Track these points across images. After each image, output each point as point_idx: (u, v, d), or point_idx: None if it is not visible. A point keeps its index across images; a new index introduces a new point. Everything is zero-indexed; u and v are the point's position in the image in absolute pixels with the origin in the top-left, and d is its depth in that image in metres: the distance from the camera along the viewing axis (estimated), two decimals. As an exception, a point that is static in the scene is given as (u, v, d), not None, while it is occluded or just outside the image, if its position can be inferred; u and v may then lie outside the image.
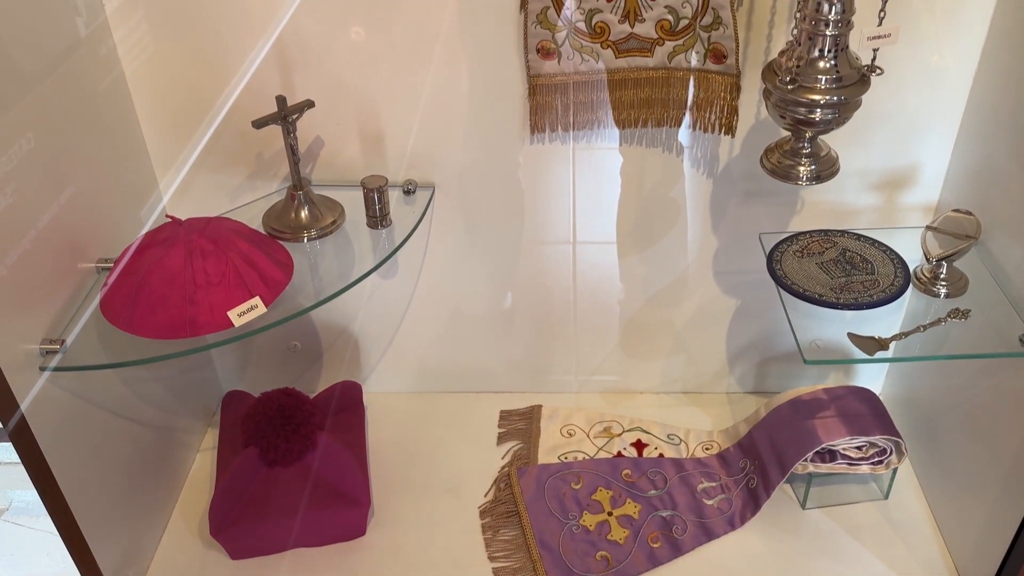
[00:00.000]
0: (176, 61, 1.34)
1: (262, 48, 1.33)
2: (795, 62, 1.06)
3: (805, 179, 1.15)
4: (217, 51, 1.33)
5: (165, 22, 1.31)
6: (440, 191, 1.48)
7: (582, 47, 1.30)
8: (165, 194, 1.47)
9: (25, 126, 1.09)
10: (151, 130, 1.40)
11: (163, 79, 1.35)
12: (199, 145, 1.42)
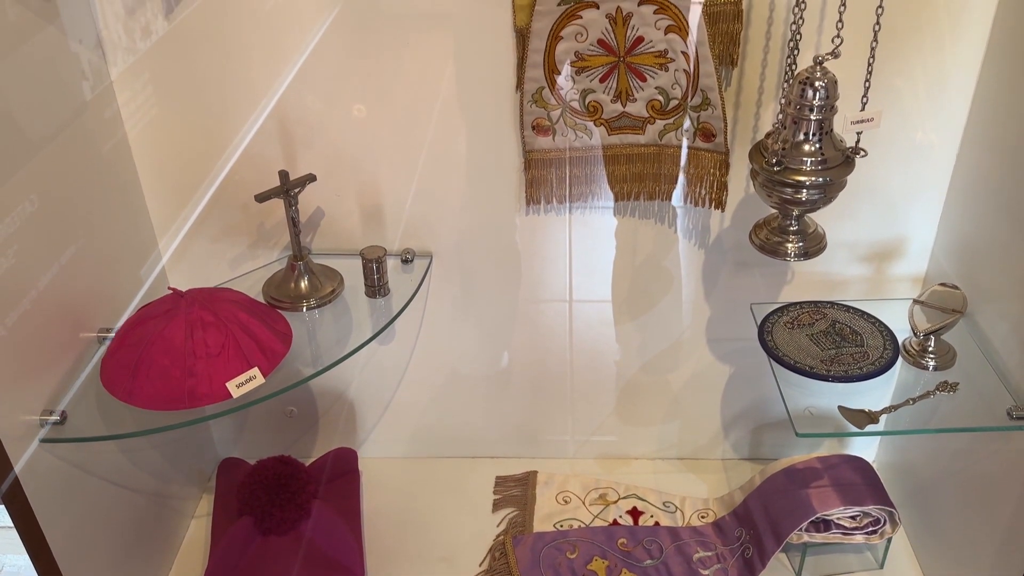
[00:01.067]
0: (179, 129, 1.37)
1: (266, 121, 1.37)
2: (781, 145, 1.10)
3: (793, 256, 1.18)
4: (220, 122, 1.37)
5: (169, 91, 1.34)
6: (437, 259, 1.51)
7: (576, 124, 1.34)
8: (166, 261, 1.49)
9: (29, 188, 1.11)
10: (153, 197, 1.43)
11: (166, 146, 1.39)
12: (199, 212, 1.45)
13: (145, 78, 1.34)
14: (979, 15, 1.23)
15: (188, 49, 1.30)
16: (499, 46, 1.29)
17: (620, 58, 1.27)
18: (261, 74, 1.32)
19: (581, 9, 1.24)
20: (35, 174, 1.13)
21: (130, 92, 1.34)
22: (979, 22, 1.23)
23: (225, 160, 1.41)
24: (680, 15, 1.21)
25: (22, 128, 1.11)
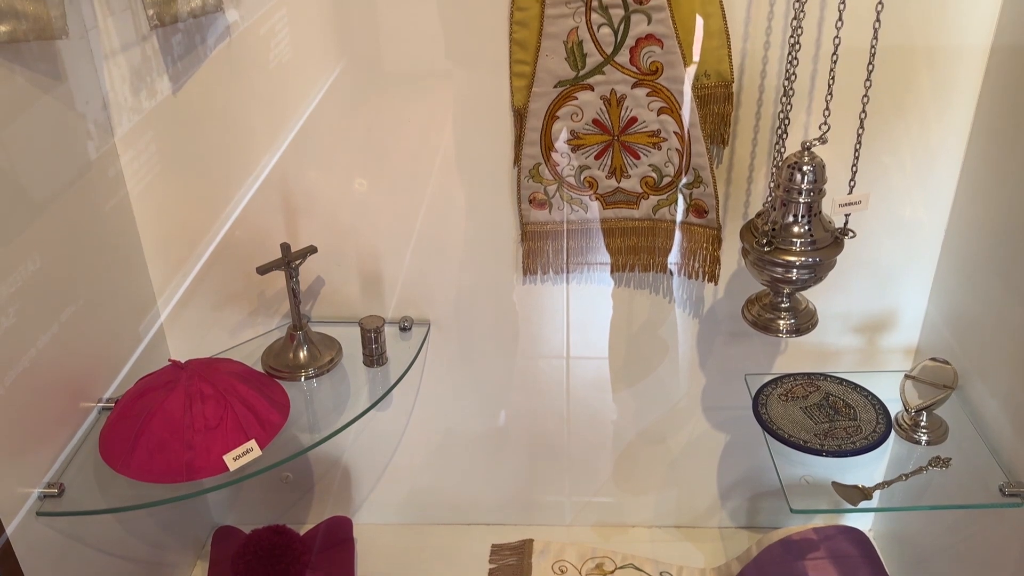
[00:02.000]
0: (181, 195, 1.39)
1: (267, 190, 1.40)
2: (771, 225, 1.13)
3: (785, 333, 1.20)
4: (222, 188, 1.40)
5: (172, 154, 1.37)
6: (435, 327, 1.52)
7: (572, 198, 1.37)
8: (167, 329, 1.51)
9: (32, 247, 1.12)
10: (153, 258, 1.44)
11: (167, 209, 1.41)
12: (199, 273, 1.47)
13: (148, 137, 1.36)
14: (963, 97, 1.27)
15: (191, 112, 1.33)
16: (498, 123, 1.32)
17: (614, 137, 1.31)
18: (263, 140, 1.36)
19: (577, 91, 1.28)
20: (38, 234, 1.14)
21: (133, 152, 1.36)
22: (963, 103, 1.27)
23: (228, 232, 1.43)
24: (672, 98, 1.25)
25: (27, 188, 1.13)
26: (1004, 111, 1.21)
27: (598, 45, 1.24)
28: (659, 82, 1.25)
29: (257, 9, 1.25)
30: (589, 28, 1.22)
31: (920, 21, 1.21)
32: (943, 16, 1.21)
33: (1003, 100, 1.22)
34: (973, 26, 1.22)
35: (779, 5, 1.22)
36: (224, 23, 1.26)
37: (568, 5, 1.21)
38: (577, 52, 1.24)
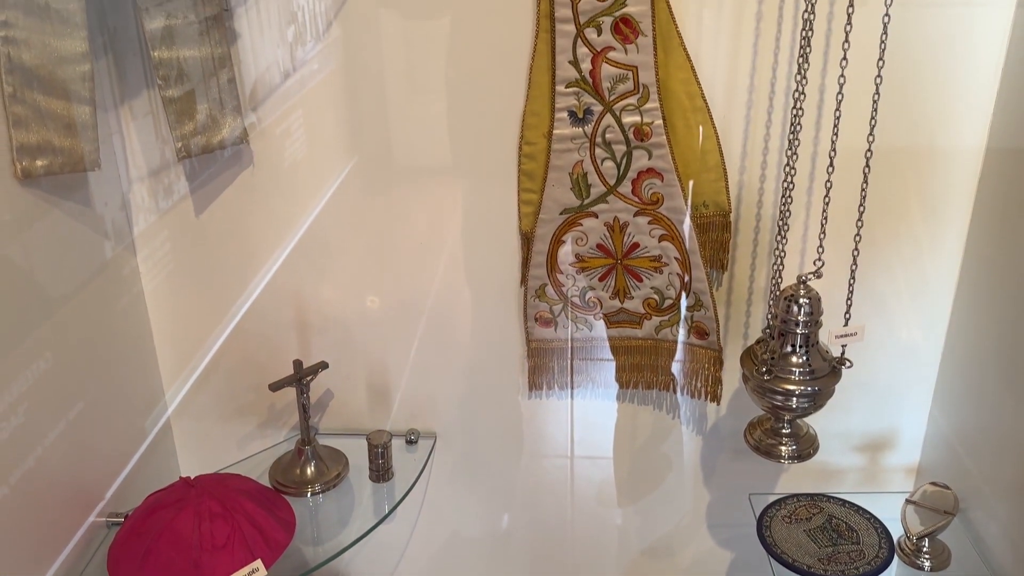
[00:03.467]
0: (194, 310, 1.44)
1: (279, 303, 1.44)
2: (769, 355, 1.16)
3: (787, 459, 1.22)
4: (237, 306, 1.45)
5: (189, 271, 1.42)
6: (441, 439, 1.54)
7: (577, 317, 1.41)
8: (178, 441, 1.53)
9: (45, 346, 1.14)
10: (167, 367, 1.48)
11: (181, 329, 1.46)
12: (205, 390, 1.50)
13: (166, 249, 1.42)
14: (954, 227, 1.32)
15: (210, 230, 1.39)
16: (505, 245, 1.38)
17: (618, 261, 1.36)
18: (278, 257, 1.41)
19: (582, 218, 1.33)
20: (52, 332, 1.16)
21: (148, 250, 1.41)
22: (955, 230, 1.32)
23: (241, 346, 1.47)
24: (672, 226, 1.31)
25: (43, 287, 1.16)
26: (996, 237, 1.26)
27: (602, 177, 1.30)
28: (660, 211, 1.31)
29: (274, 111, 1.31)
30: (593, 162, 1.29)
31: (909, 158, 1.28)
32: (932, 149, 1.27)
33: (994, 225, 1.26)
34: (961, 160, 1.28)
35: (773, 141, 1.29)
36: (249, 153, 1.33)
37: (573, 141, 1.28)
38: (582, 183, 1.31)
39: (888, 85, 1.14)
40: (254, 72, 1.28)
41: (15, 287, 1.10)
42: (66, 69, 1.12)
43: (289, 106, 1.32)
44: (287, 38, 1.27)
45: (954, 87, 1.23)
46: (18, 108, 1.08)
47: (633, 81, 1.23)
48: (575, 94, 1.25)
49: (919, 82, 1.22)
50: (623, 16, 1.20)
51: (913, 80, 1.22)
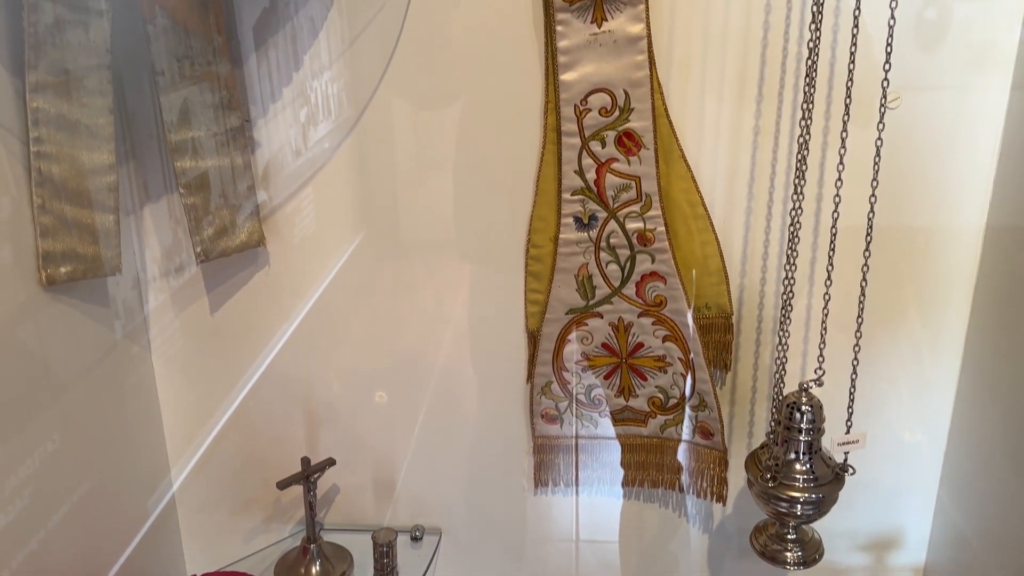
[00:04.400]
0: (205, 410, 1.47)
1: (288, 400, 1.46)
2: (773, 461, 1.18)
3: (792, 565, 1.22)
4: (247, 401, 1.47)
5: (200, 366, 1.45)
6: (447, 535, 1.54)
7: (582, 415, 1.43)
8: (184, 536, 1.53)
9: (52, 427, 1.15)
10: (176, 466, 1.50)
11: (192, 425, 1.48)
12: (213, 483, 1.51)
13: (178, 346, 1.45)
14: (953, 334, 1.35)
15: (224, 328, 1.42)
16: (512, 344, 1.41)
17: (623, 360, 1.38)
18: (290, 355, 1.44)
19: (587, 318, 1.36)
20: (60, 413, 1.17)
21: (160, 341, 1.43)
22: (954, 334, 1.35)
23: (250, 442, 1.49)
24: (676, 327, 1.34)
25: (53, 369, 1.17)
26: (993, 339, 1.28)
27: (606, 279, 1.34)
28: (663, 313, 1.34)
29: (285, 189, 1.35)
30: (598, 265, 1.33)
31: (908, 247, 1.31)
32: (931, 233, 1.31)
33: (993, 328, 1.29)
34: (962, 242, 1.31)
35: (772, 246, 1.33)
36: (265, 256, 1.37)
37: (579, 245, 1.32)
38: (587, 284, 1.34)
39: (886, 170, 1.17)
40: (267, 153, 1.32)
41: (26, 371, 1.12)
42: (93, 180, 1.17)
43: (300, 185, 1.36)
44: (300, 118, 1.31)
45: (953, 168, 1.26)
46: (46, 218, 1.12)
47: (636, 190, 1.28)
48: (580, 201, 1.30)
49: (918, 167, 1.26)
50: (626, 130, 1.25)
51: (911, 166, 1.25)
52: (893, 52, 1.11)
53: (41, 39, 1.08)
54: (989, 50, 1.20)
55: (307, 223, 1.36)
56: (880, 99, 1.13)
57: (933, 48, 1.20)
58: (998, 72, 1.21)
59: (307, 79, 1.30)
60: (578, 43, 1.22)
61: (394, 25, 1.25)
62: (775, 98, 1.25)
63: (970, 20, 1.19)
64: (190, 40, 1.20)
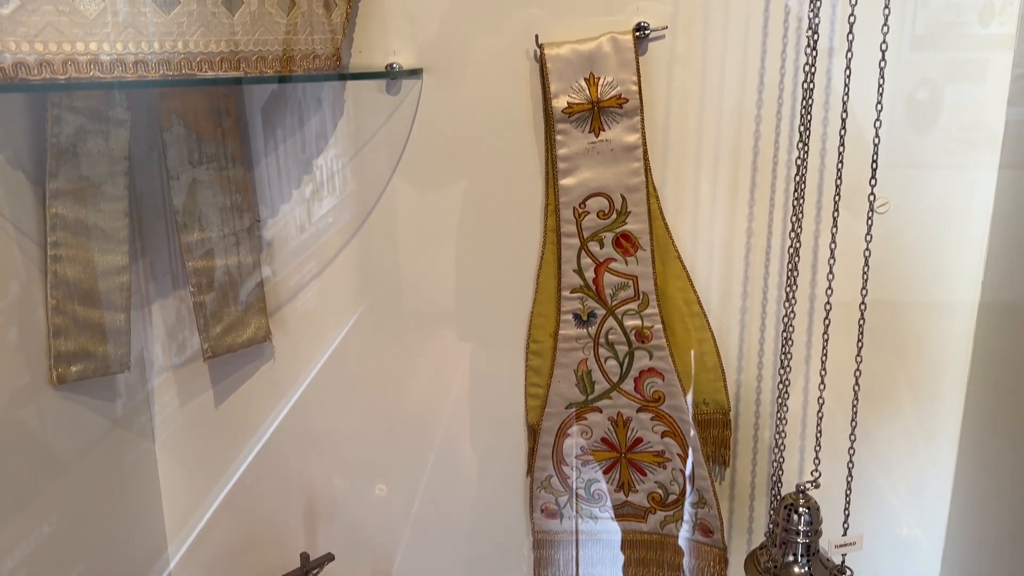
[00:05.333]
0: (205, 501, 1.47)
1: (288, 493, 1.47)
2: (772, 563, 1.18)
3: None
4: (249, 495, 1.47)
5: (206, 461, 1.46)
6: (446, 631, 1.53)
7: (582, 510, 1.44)
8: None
9: (50, 510, 1.15)
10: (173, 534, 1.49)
11: (193, 517, 1.48)
12: (212, 571, 1.50)
13: (185, 443, 1.46)
14: (948, 421, 1.36)
15: (229, 422, 1.44)
16: (511, 437, 1.42)
17: (622, 454, 1.40)
18: (294, 449, 1.45)
19: (586, 412, 1.38)
20: (57, 495, 1.17)
21: (162, 419, 1.44)
22: (949, 421, 1.36)
23: (251, 534, 1.49)
24: (674, 423, 1.36)
25: (55, 457, 1.18)
26: (988, 437, 1.30)
27: (605, 375, 1.36)
28: (662, 408, 1.36)
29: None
30: (597, 360, 1.35)
31: (899, 348, 1.34)
32: (922, 337, 1.33)
33: (987, 424, 1.31)
34: (954, 332, 1.33)
35: (768, 343, 1.35)
36: (271, 350, 1.40)
37: (578, 340, 1.35)
38: (586, 380, 1.37)
39: (879, 251, 1.19)
40: (272, 231, 1.36)
41: (29, 458, 1.13)
42: (106, 281, 1.20)
43: (307, 282, 1.40)
44: (308, 218, 1.36)
45: (945, 245, 1.29)
46: (59, 319, 1.16)
47: (634, 288, 1.31)
48: (580, 299, 1.33)
49: (911, 246, 1.29)
50: (624, 232, 1.30)
51: (904, 246, 1.29)
52: (884, 136, 1.15)
53: (63, 149, 1.13)
54: (978, 130, 1.25)
55: (313, 318, 1.39)
56: (869, 197, 1.17)
57: (925, 129, 1.25)
58: (987, 151, 1.26)
59: (316, 180, 1.34)
60: (577, 151, 1.27)
61: (401, 132, 1.31)
62: (767, 202, 1.30)
63: (960, 102, 1.24)
64: (204, 146, 1.25)
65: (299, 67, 1.14)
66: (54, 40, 0.95)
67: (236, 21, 1.04)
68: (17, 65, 0.94)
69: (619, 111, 1.25)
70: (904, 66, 1.22)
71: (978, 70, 1.23)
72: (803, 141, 1.16)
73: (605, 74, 1.24)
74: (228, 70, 1.05)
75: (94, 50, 0.97)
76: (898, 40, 1.20)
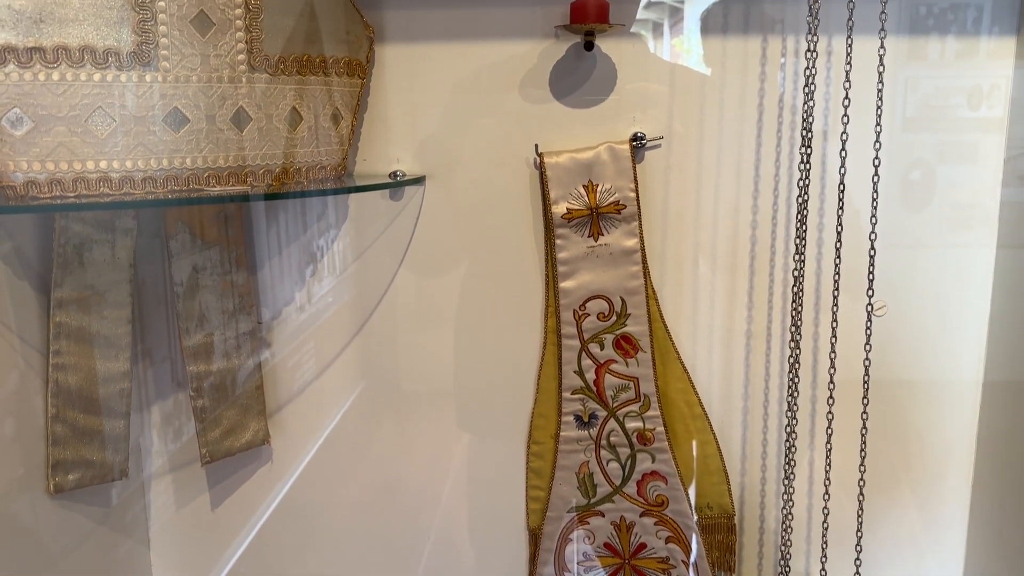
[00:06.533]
0: None
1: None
2: None
3: None
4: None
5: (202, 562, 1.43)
6: None
7: (585, 617, 1.40)
8: None
9: None
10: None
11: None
12: None
13: (180, 529, 1.43)
14: (955, 513, 1.35)
15: (228, 529, 1.41)
16: (512, 543, 1.39)
17: (625, 560, 1.37)
18: (292, 551, 1.42)
19: (589, 516, 1.36)
20: None
21: (158, 524, 1.41)
22: (957, 513, 1.35)
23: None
24: (678, 528, 1.33)
25: (45, 552, 1.15)
26: (995, 519, 1.28)
27: (607, 477, 1.34)
28: (665, 513, 1.34)
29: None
30: (599, 462, 1.34)
31: (903, 456, 1.33)
32: (927, 437, 1.32)
33: (993, 504, 1.29)
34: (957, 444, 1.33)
35: (771, 445, 1.34)
36: (269, 452, 1.39)
37: (579, 443, 1.34)
38: (588, 482, 1.35)
39: (880, 332, 1.21)
40: (273, 332, 1.36)
41: (20, 562, 1.11)
42: (107, 387, 1.20)
43: (307, 382, 1.39)
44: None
45: (945, 323, 1.30)
46: (58, 427, 1.15)
47: (635, 390, 1.31)
48: (581, 400, 1.33)
49: (912, 325, 1.30)
50: (624, 334, 1.30)
51: (905, 326, 1.29)
52: (880, 216, 1.18)
53: (69, 259, 1.14)
54: (972, 209, 1.27)
55: (312, 420, 1.39)
56: (868, 301, 1.18)
57: (919, 208, 1.27)
58: (982, 230, 1.28)
59: (319, 283, 1.36)
60: (576, 254, 1.29)
61: (403, 236, 1.33)
62: (765, 301, 1.31)
63: (952, 182, 1.26)
64: (209, 252, 1.26)
65: (305, 178, 1.16)
66: (65, 159, 0.97)
67: (244, 137, 1.07)
68: (28, 184, 0.96)
69: (617, 216, 1.27)
70: (896, 147, 1.25)
71: (969, 151, 1.26)
72: (800, 221, 1.17)
73: (603, 181, 1.26)
74: (235, 184, 1.08)
75: (104, 168, 0.99)
76: (889, 122, 1.23)
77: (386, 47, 1.26)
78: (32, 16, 0.93)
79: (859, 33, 1.14)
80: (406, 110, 1.28)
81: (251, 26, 1.05)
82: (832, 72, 1.23)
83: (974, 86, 1.24)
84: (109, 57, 0.97)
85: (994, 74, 1.23)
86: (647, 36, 1.25)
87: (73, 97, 0.96)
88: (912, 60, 1.24)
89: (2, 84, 0.93)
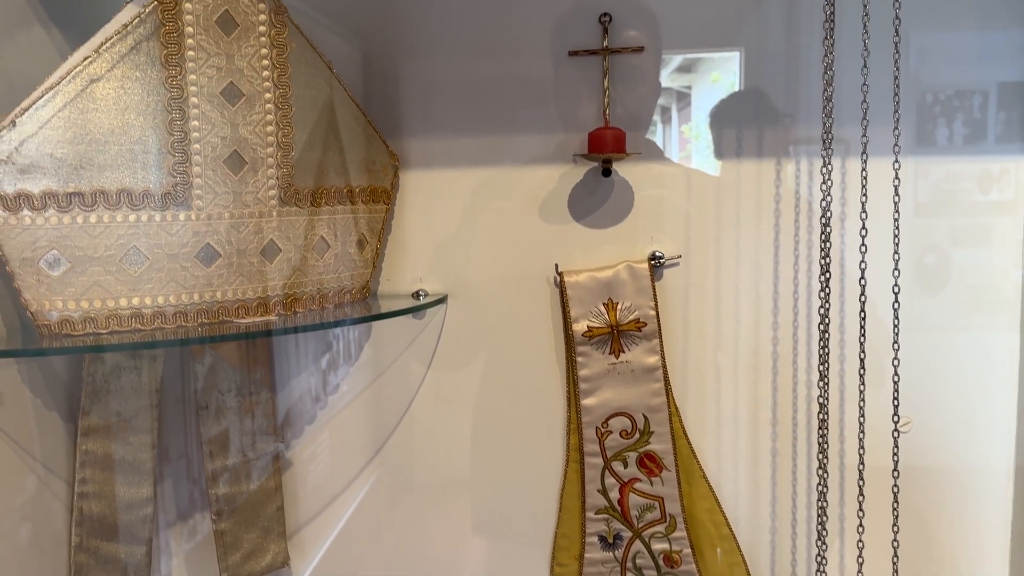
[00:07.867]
0: None
1: None
2: None
3: None
4: None
5: None
6: None
7: None
8: None
9: None
10: None
11: None
12: None
13: None
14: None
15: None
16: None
17: None
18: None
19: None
20: None
21: None
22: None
23: None
24: (709, 654, 1.29)
25: None
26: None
27: (634, 600, 1.31)
28: (695, 636, 1.30)
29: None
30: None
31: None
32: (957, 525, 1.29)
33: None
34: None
35: (800, 566, 1.31)
36: (288, 573, 1.37)
37: (604, 565, 1.31)
38: (614, 603, 1.32)
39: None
40: (295, 451, 1.36)
41: None
42: (130, 514, 1.20)
43: (326, 503, 1.38)
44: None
45: (973, 408, 1.27)
46: (81, 557, 1.14)
47: (660, 510, 1.29)
48: (605, 520, 1.31)
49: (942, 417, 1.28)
50: (647, 452, 1.29)
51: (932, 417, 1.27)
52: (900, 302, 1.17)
53: (98, 386, 1.16)
54: (989, 293, 1.26)
55: (333, 543, 1.37)
56: (893, 424, 1.17)
57: (936, 291, 1.27)
58: (1002, 313, 1.27)
59: (341, 401, 1.36)
60: (598, 372, 1.29)
61: (425, 355, 1.34)
62: (790, 416, 1.30)
63: (967, 265, 1.26)
64: (234, 374, 1.28)
65: (331, 302, 1.18)
66: (99, 297, 1.00)
67: (273, 268, 1.10)
68: (63, 322, 0.98)
69: (638, 334, 1.28)
70: (910, 232, 1.25)
71: (983, 234, 1.27)
72: (823, 317, 1.16)
73: (623, 300, 1.28)
74: (263, 313, 1.10)
75: (136, 304, 1.01)
76: (902, 208, 1.23)
77: (409, 172, 1.30)
78: (73, 163, 0.97)
79: (874, 155, 1.17)
80: (428, 232, 1.31)
81: (282, 163, 1.09)
82: (847, 178, 1.25)
83: (983, 170, 1.26)
84: (145, 199, 1.01)
85: (1002, 158, 1.25)
86: (663, 160, 1.28)
87: (109, 238, 0.99)
88: (921, 145, 1.25)
89: (41, 228, 0.96)
